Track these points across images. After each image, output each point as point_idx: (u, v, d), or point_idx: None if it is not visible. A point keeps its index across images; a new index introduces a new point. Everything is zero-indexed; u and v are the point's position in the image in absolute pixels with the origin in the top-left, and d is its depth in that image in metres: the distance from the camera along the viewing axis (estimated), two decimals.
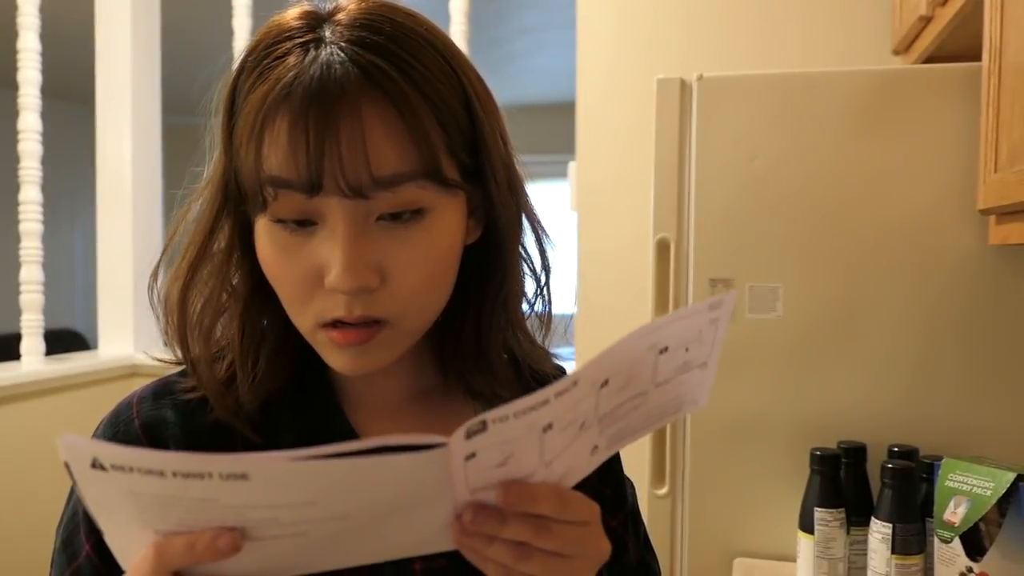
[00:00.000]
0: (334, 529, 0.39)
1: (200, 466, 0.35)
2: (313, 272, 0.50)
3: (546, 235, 0.62)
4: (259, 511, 0.37)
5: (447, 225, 0.53)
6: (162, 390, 0.58)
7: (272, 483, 0.36)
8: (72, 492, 0.56)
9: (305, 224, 0.50)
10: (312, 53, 0.49)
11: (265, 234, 0.51)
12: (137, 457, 0.35)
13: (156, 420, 0.55)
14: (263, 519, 0.38)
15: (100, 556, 0.53)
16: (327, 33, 0.50)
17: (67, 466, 0.37)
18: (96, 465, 0.36)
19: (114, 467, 0.36)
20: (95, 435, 0.57)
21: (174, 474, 0.35)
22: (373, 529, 0.40)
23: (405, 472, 0.37)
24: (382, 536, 0.41)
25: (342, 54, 0.48)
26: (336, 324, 0.51)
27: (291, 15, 0.52)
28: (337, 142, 0.47)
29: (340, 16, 0.51)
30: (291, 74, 0.48)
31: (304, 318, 0.52)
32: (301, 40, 0.50)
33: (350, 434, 0.57)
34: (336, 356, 0.53)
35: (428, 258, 0.52)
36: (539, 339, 0.65)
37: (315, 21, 0.51)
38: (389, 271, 0.50)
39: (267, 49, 0.50)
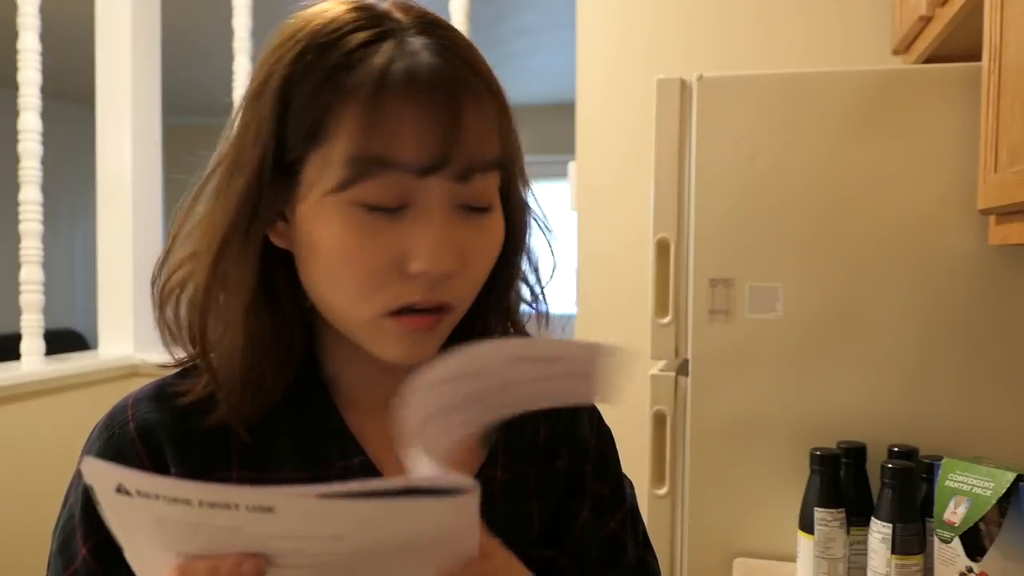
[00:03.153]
0: (358, 560, 0.40)
1: (227, 497, 0.35)
2: (395, 256, 0.50)
3: (551, 236, 0.63)
4: (285, 542, 0.37)
5: (499, 220, 0.55)
6: (157, 393, 0.57)
7: (298, 517, 0.36)
8: (68, 495, 0.56)
9: (390, 208, 0.50)
10: (410, 42, 0.50)
11: (338, 218, 0.50)
12: (163, 485, 0.35)
13: (152, 423, 0.55)
14: (288, 549, 0.38)
15: (96, 560, 0.52)
16: (406, 27, 0.51)
17: (90, 489, 0.37)
18: (121, 491, 0.36)
19: (139, 493, 0.36)
20: (90, 439, 0.56)
21: (200, 503, 0.35)
22: (396, 561, 0.41)
23: (432, 515, 0.38)
24: (405, 568, 0.42)
25: (439, 46, 0.50)
26: (405, 311, 0.52)
27: (340, 10, 0.52)
28: (459, 127, 0.49)
29: (398, 15, 0.52)
30: (402, 61, 0.49)
31: (370, 305, 0.51)
32: (379, 30, 0.50)
33: (346, 435, 0.57)
34: (397, 344, 0.53)
35: (491, 249, 0.55)
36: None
37: (376, 16, 0.52)
38: (466, 258, 0.52)
39: (337, 39, 0.50)
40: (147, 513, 0.37)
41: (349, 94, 0.49)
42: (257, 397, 0.54)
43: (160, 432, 0.54)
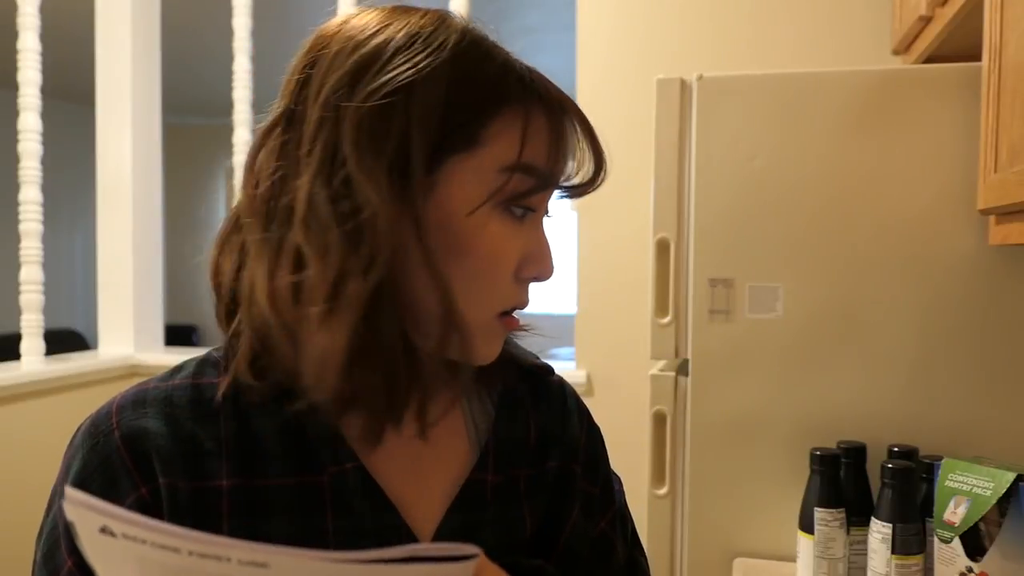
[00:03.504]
0: None
1: (218, 549, 0.34)
2: (521, 259, 0.55)
3: None
4: None
5: None
6: (142, 398, 0.55)
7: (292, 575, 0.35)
8: (51, 503, 0.55)
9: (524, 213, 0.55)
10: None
11: (495, 222, 0.53)
12: (151, 531, 0.34)
13: (138, 431, 0.53)
14: None
15: (83, 572, 0.51)
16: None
17: (72, 525, 0.36)
18: (106, 531, 0.35)
19: (125, 536, 0.35)
20: (73, 445, 0.55)
21: (189, 553, 0.34)
22: None
23: None
24: None
25: None
26: (506, 312, 0.56)
27: (454, 21, 0.54)
28: (602, 152, 0.57)
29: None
30: (544, 83, 0.55)
31: (491, 305, 0.55)
32: (505, 50, 0.55)
33: (339, 440, 0.56)
34: (494, 344, 0.56)
35: None
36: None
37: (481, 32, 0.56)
38: None
39: (485, 52, 0.53)
40: (130, 554, 0.35)
41: (517, 106, 0.53)
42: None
43: (147, 440, 0.53)
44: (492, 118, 0.52)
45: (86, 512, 0.35)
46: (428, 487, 0.58)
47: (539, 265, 0.55)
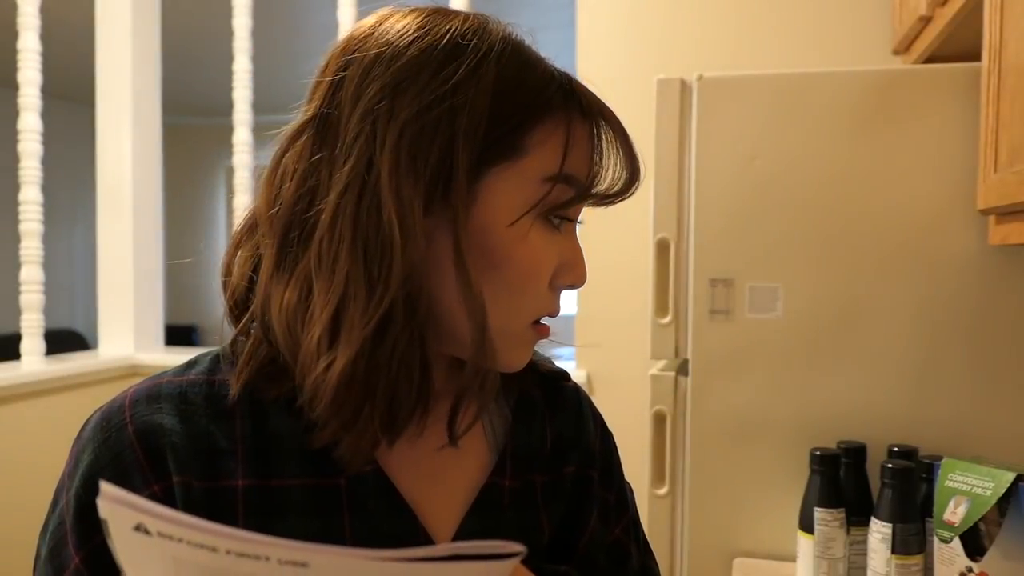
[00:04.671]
0: None
1: (258, 548, 0.33)
2: (555, 268, 0.55)
3: None
4: None
5: None
6: (157, 392, 0.54)
7: (333, 575, 0.34)
8: (57, 498, 0.53)
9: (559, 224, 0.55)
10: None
11: (535, 233, 0.53)
12: (190, 530, 0.33)
13: (152, 426, 0.52)
14: None
15: (90, 569, 0.50)
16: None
17: (104, 523, 0.35)
18: (140, 529, 0.34)
19: (161, 535, 0.34)
20: (82, 438, 0.53)
21: (227, 552, 0.33)
22: None
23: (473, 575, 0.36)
24: None
25: None
26: (538, 320, 0.56)
27: (497, 27, 0.54)
28: (633, 156, 0.56)
29: None
30: (583, 91, 0.55)
31: (526, 314, 0.55)
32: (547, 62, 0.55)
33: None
34: (526, 351, 0.56)
35: None
36: None
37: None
38: None
39: (527, 60, 0.53)
40: (165, 552, 0.35)
41: (559, 115, 0.52)
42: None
43: (161, 436, 0.51)
44: (535, 127, 0.52)
45: (121, 509, 0.34)
46: (446, 491, 0.58)
47: (575, 273, 0.56)
